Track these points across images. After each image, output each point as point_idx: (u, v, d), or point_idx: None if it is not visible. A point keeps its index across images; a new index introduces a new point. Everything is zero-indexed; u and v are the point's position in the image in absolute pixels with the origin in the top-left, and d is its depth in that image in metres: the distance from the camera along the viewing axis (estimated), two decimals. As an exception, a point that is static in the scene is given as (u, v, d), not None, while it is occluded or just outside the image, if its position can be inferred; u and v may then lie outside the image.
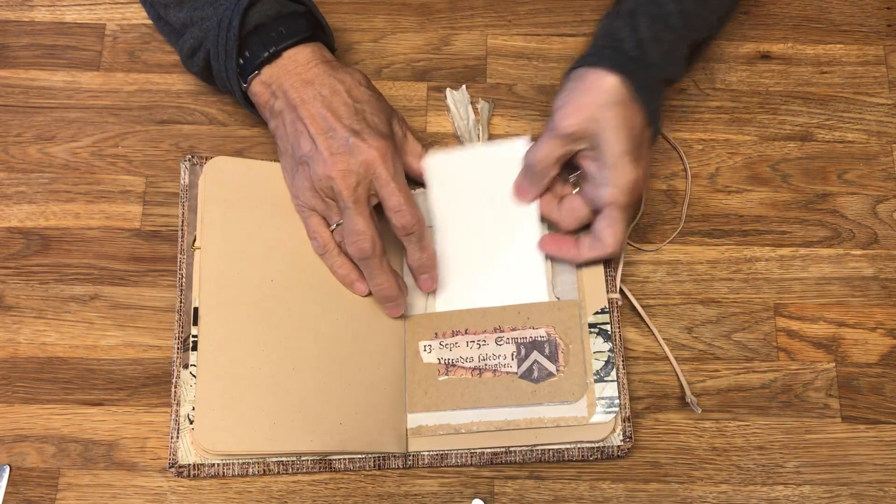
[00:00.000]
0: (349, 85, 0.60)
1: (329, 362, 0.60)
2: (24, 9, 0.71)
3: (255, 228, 0.61)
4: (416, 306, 0.63)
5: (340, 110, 0.58)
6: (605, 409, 0.58)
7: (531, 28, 0.72)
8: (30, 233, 0.65)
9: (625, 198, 0.58)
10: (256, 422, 0.57)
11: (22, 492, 0.59)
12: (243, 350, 0.58)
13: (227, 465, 0.58)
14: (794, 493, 0.60)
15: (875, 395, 0.62)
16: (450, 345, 0.61)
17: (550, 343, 0.60)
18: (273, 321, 0.59)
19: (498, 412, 0.59)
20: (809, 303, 0.65)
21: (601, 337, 0.60)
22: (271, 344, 0.59)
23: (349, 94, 0.59)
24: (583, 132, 0.58)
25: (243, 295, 0.60)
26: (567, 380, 0.59)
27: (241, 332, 0.59)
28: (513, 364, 0.60)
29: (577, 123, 0.57)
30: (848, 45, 0.72)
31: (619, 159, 0.57)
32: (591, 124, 0.57)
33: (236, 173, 0.63)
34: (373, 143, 0.57)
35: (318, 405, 0.58)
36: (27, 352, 0.62)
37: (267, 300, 0.60)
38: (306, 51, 0.60)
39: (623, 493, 0.60)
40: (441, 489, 0.60)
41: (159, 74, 0.70)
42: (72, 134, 0.68)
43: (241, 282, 0.60)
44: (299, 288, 0.61)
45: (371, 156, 0.56)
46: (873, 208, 0.67)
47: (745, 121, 0.69)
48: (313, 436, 0.58)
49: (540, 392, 0.59)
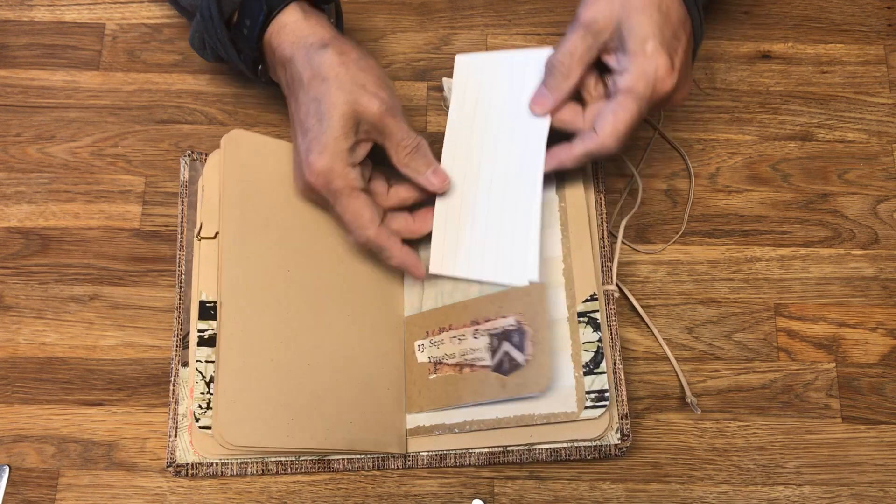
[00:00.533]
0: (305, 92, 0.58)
1: (339, 360, 0.59)
2: (24, 8, 0.71)
3: (271, 212, 0.60)
4: (412, 307, 0.63)
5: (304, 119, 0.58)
6: (594, 403, 0.56)
7: (531, 28, 0.72)
8: (29, 233, 0.65)
9: (642, 87, 0.53)
10: (276, 417, 0.56)
11: (21, 492, 0.59)
12: (262, 342, 0.57)
13: (225, 464, 0.58)
14: (795, 494, 0.60)
15: (875, 395, 0.62)
16: (437, 343, 0.61)
17: (519, 331, 0.57)
18: (290, 314, 0.59)
19: (489, 410, 0.58)
20: (810, 303, 0.65)
21: (590, 326, 0.58)
22: (288, 337, 0.58)
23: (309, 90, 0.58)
24: (608, 20, 0.53)
25: (262, 284, 0.58)
26: (533, 369, 0.56)
27: (260, 324, 0.58)
28: (487, 357, 0.58)
29: (601, 10, 0.53)
30: (848, 44, 0.72)
31: (644, 44, 0.52)
32: (616, 9, 0.53)
33: (254, 149, 0.61)
34: (316, 165, 0.56)
35: (332, 403, 0.58)
36: (27, 352, 0.62)
37: (284, 291, 0.59)
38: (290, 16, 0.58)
39: (623, 494, 0.60)
40: (441, 489, 0.60)
41: (159, 74, 0.70)
42: (71, 134, 0.68)
43: (259, 269, 0.59)
44: (313, 280, 0.60)
45: (312, 180, 0.57)
46: (874, 208, 0.67)
47: (746, 120, 0.69)
48: (327, 433, 0.57)
49: (510, 385, 0.56)
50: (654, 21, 0.53)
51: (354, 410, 0.59)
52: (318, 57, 0.57)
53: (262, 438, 0.56)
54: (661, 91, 0.54)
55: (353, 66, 0.56)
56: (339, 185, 0.57)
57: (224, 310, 0.57)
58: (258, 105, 0.69)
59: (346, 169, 0.57)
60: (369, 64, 0.58)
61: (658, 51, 0.53)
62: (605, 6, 0.53)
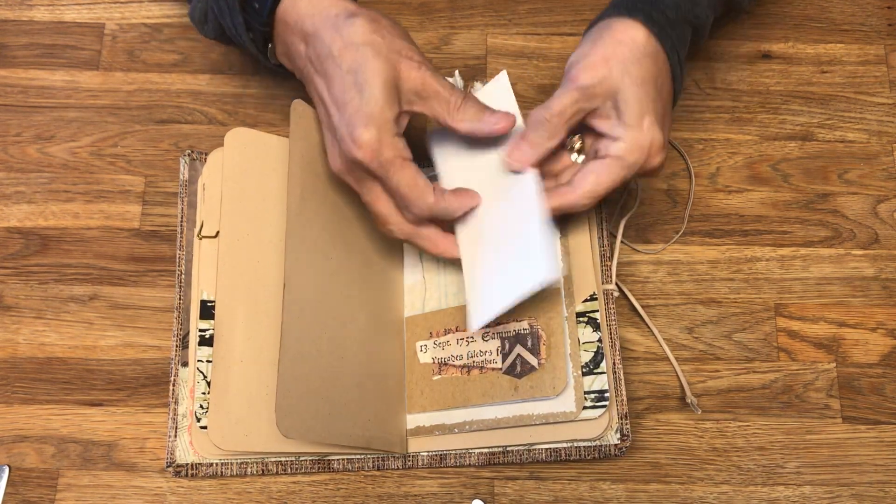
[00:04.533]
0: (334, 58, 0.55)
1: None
2: (24, 8, 0.71)
3: (273, 211, 0.60)
4: (413, 306, 0.63)
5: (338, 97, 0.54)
6: (594, 404, 0.56)
7: (531, 27, 0.72)
8: (29, 233, 0.65)
9: (634, 158, 0.53)
10: (272, 420, 0.56)
11: (21, 492, 0.59)
12: (261, 344, 0.57)
13: (225, 464, 0.58)
14: (795, 494, 0.60)
15: (876, 395, 0.62)
16: (442, 343, 0.61)
17: (533, 335, 0.58)
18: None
19: (488, 410, 0.58)
20: (810, 303, 0.65)
21: (590, 326, 0.58)
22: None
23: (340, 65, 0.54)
24: (605, 89, 0.53)
25: (261, 283, 0.58)
26: (547, 373, 0.56)
27: (258, 326, 0.58)
28: (497, 360, 0.58)
29: (599, 77, 0.53)
30: (848, 44, 0.72)
31: (641, 118, 0.52)
32: (615, 79, 0.52)
33: (257, 146, 0.60)
34: (361, 142, 0.53)
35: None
36: (26, 352, 0.62)
37: (281, 292, 0.59)
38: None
39: (623, 494, 0.60)
40: (441, 490, 0.60)
41: (158, 74, 0.70)
42: (71, 133, 0.68)
43: (258, 269, 0.59)
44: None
45: (360, 157, 0.53)
46: (874, 208, 0.67)
47: (746, 120, 0.69)
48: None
49: (522, 388, 0.57)
50: (651, 97, 0.53)
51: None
52: (347, 27, 0.54)
53: (255, 443, 0.56)
54: (650, 165, 0.54)
55: (386, 33, 0.54)
56: (389, 156, 0.53)
57: (220, 307, 0.57)
58: (258, 105, 0.69)
59: (394, 139, 0.53)
60: (399, 30, 0.56)
61: (654, 126, 0.53)
62: (603, 73, 0.53)
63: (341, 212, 0.60)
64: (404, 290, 0.64)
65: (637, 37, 0.53)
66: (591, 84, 0.53)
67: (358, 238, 0.61)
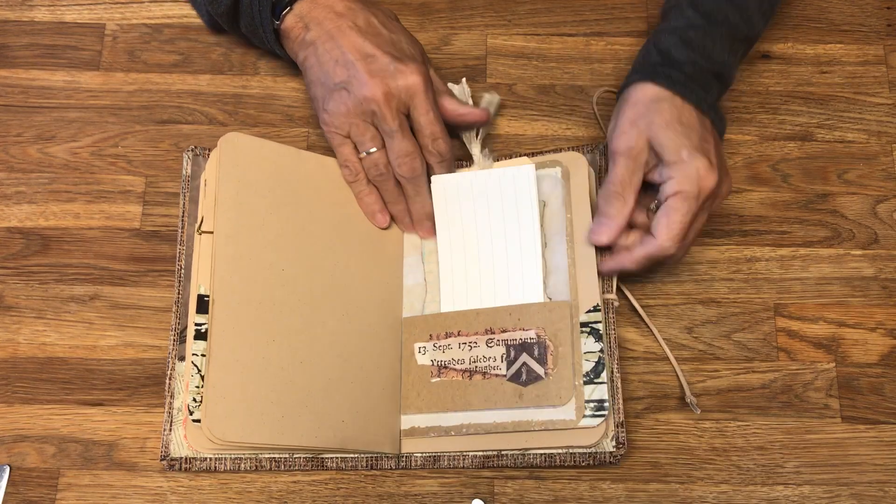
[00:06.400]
0: (382, 19, 0.62)
1: (333, 358, 0.60)
2: (24, 8, 0.71)
3: (267, 214, 0.60)
4: (412, 308, 0.63)
5: (377, 39, 0.60)
6: (593, 413, 0.57)
7: (531, 28, 0.72)
8: (30, 233, 0.65)
9: (688, 187, 0.56)
10: (266, 414, 0.56)
11: (22, 492, 0.59)
12: (253, 339, 0.58)
13: (219, 459, 0.58)
14: (794, 494, 0.60)
15: (875, 395, 0.62)
16: (443, 346, 0.61)
17: (540, 345, 0.59)
18: (283, 312, 0.59)
19: (487, 415, 0.58)
20: (809, 303, 0.65)
21: (592, 336, 0.59)
22: (281, 335, 0.58)
23: (384, 26, 0.62)
24: (641, 143, 0.57)
25: (255, 282, 0.59)
26: (554, 383, 0.57)
27: (252, 321, 0.58)
28: (502, 366, 0.59)
29: (631, 137, 0.57)
30: (848, 44, 0.72)
31: (679, 152, 0.56)
32: (644, 131, 0.57)
33: (251, 152, 0.62)
34: (414, 68, 0.59)
35: (324, 401, 0.58)
36: (27, 352, 0.62)
37: (277, 289, 0.59)
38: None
39: (623, 494, 0.60)
40: (441, 489, 0.60)
41: (159, 74, 0.70)
42: (72, 134, 0.68)
43: (252, 268, 0.59)
44: (308, 279, 0.60)
45: (414, 81, 0.59)
46: (873, 208, 0.67)
47: (745, 120, 0.69)
48: (318, 431, 0.58)
49: (527, 395, 0.58)
50: (680, 132, 0.57)
51: (347, 409, 0.59)
52: None
53: (251, 434, 0.56)
54: (707, 188, 0.57)
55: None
56: (438, 84, 0.63)
57: (216, 305, 0.57)
58: (258, 105, 0.69)
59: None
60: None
61: (693, 154, 0.56)
62: (633, 133, 0.58)
63: (303, 227, 0.62)
64: (403, 290, 0.64)
65: (648, 93, 0.58)
66: (629, 147, 0.58)
67: (332, 249, 0.62)
